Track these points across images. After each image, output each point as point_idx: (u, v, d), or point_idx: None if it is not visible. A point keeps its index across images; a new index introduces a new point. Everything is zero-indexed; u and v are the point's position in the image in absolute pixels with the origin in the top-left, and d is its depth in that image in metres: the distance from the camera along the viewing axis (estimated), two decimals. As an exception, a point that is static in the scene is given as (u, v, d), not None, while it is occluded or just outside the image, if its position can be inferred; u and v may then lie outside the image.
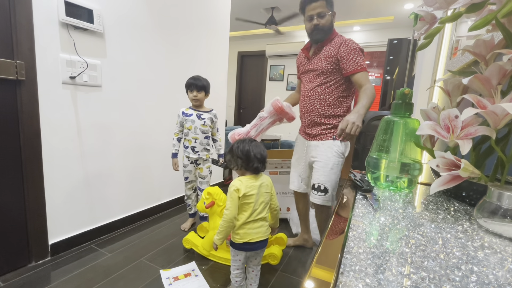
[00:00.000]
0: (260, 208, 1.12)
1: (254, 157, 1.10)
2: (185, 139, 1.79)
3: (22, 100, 1.29)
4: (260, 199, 1.12)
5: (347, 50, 1.32)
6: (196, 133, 1.75)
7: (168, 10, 1.98)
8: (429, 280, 0.29)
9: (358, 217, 0.47)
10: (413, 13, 2.35)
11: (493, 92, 0.49)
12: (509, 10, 0.43)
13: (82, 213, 1.63)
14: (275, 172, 2.13)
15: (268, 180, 1.18)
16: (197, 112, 1.76)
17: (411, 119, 0.68)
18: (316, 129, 1.44)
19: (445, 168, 0.52)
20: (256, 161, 1.11)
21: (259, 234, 1.13)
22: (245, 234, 1.11)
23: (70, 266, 1.44)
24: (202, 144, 1.78)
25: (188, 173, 1.84)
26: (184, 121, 1.76)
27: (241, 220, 1.10)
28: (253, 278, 1.24)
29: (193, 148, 1.77)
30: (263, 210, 1.14)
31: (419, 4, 1.23)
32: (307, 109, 1.47)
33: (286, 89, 5.18)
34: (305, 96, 1.47)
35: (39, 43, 1.31)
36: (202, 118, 1.76)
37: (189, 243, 1.66)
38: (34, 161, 1.36)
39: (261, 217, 1.13)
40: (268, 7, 3.84)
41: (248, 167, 1.12)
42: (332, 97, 1.39)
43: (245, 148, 1.12)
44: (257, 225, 1.13)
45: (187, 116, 1.75)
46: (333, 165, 1.35)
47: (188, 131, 1.75)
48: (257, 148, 1.13)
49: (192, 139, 1.76)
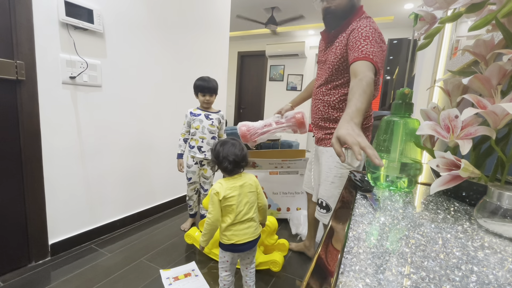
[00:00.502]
0: (245, 209, 1.09)
1: (224, 158, 1.07)
2: (191, 139, 1.78)
3: (22, 100, 1.29)
4: (243, 200, 1.09)
5: (356, 37, 1.00)
6: (203, 133, 1.75)
7: (168, 10, 1.98)
8: (429, 280, 0.30)
9: (358, 217, 0.47)
10: (413, 13, 2.35)
11: (493, 92, 0.49)
12: (509, 10, 0.43)
13: (82, 213, 1.63)
14: (275, 172, 2.13)
15: (252, 179, 1.14)
16: (206, 112, 1.77)
17: (411, 119, 0.68)
18: (320, 133, 1.26)
19: (445, 168, 0.52)
20: (226, 162, 1.07)
21: (247, 235, 1.10)
22: (232, 235, 1.09)
23: (70, 266, 1.44)
24: (209, 144, 1.78)
25: (192, 173, 1.83)
26: (191, 121, 1.76)
27: (227, 223, 1.08)
28: (248, 276, 1.23)
29: (200, 148, 1.77)
30: (250, 210, 1.11)
31: (419, 4, 1.23)
32: (312, 110, 1.30)
33: (286, 89, 5.18)
34: (313, 94, 1.30)
35: (39, 43, 1.31)
36: (210, 118, 1.77)
37: (191, 238, 1.66)
38: (34, 161, 1.36)
39: (247, 218, 1.10)
40: (268, 7, 3.84)
41: (221, 168, 1.10)
42: (337, 99, 1.15)
43: (216, 149, 1.11)
44: (243, 227, 1.10)
45: (195, 116, 1.76)
46: (334, 178, 1.17)
47: (196, 131, 1.75)
48: (232, 148, 1.09)
49: (199, 138, 1.76)
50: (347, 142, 0.60)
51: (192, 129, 1.76)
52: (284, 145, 3.83)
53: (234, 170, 1.10)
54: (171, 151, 2.18)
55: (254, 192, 1.14)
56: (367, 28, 1.00)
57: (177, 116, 2.21)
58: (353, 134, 0.61)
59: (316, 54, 4.81)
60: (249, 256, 1.20)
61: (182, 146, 1.80)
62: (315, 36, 4.85)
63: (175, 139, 2.20)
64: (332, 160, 1.17)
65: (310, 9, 3.74)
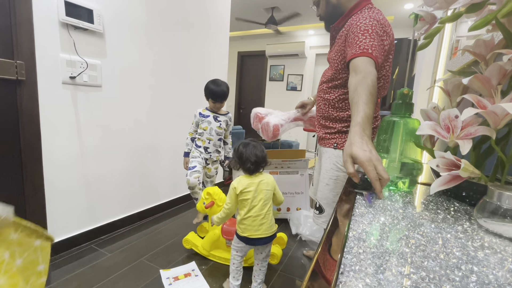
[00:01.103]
0: (259, 205, 1.17)
1: (247, 159, 1.18)
2: (198, 139, 1.79)
3: (22, 100, 1.29)
4: (259, 196, 1.17)
5: (354, 32, 0.91)
6: (211, 134, 1.76)
7: (168, 10, 1.98)
8: (429, 280, 0.30)
9: (358, 217, 0.47)
10: (413, 13, 2.35)
11: (493, 92, 0.49)
12: (509, 10, 0.43)
13: (82, 213, 1.63)
14: (275, 172, 2.13)
15: (270, 179, 1.23)
16: (214, 114, 1.78)
17: (411, 119, 0.68)
18: (322, 131, 1.19)
19: (445, 168, 0.52)
20: (248, 162, 1.18)
21: (259, 231, 1.17)
22: (245, 229, 1.18)
23: (70, 266, 1.44)
24: (215, 145, 1.80)
25: (197, 163, 1.76)
26: (200, 122, 1.76)
27: (241, 215, 1.19)
28: (257, 271, 1.29)
29: (206, 148, 1.78)
30: (264, 207, 1.18)
31: (419, 4, 1.22)
32: (316, 108, 1.24)
33: (286, 89, 5.18)
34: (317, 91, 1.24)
35: (39, 43, 1.31)
36: (219, 120, 1.78)
37: (189, 243, 1.66)
38: (34, 161, 1.36)
39: (261, 214, 1.17)
40: (268, 7, 3.84)
41: (244, 168, 1.21)
42: (337, 98, 1.10)
43: (239, 150, 1.21)
44: (257, 223, 1.17)
45: (204, 117, 1.76)
46: (329, 180, 1.10)
47: (203, 132, 1.76)
48: (254, 149, 1.20)
49: (206, 139, 1.77)
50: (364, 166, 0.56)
51: (200, 129, 1.77)
52: (284, 145, 3.83)
53: (255, 170, 1.20)
54: (171, 151, 2.18)
55: (270, 191, 1.21)
56: (367, 21, 0.90)
57: (177, 115, 2.21)
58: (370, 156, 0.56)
59: (316, 54, 4.82)
60: (262, 252, 1.26)
61: (189, 145, 1.81)
62: (315, 36, 4.85)
63: (175, 139, 2.20)
64: (330, 162, 1.12)
65: (309, 9, 3.74)
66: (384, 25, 0.94)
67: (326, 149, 1.16)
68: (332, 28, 1.10)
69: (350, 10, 1.02)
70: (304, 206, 2.16)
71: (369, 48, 0.86)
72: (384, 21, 0.94)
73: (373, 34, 0.88)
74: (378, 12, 0.97)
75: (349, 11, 1.02)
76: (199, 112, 1.78)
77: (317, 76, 5.02)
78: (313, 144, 4.75)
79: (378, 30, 0.90)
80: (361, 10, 0.99)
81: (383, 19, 0.95)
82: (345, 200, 0.55)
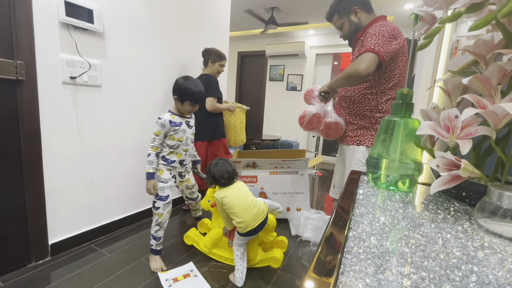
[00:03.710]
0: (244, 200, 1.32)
1: (220, 177, 1.34)
2: (171, 153, 1.47)
3: (22, 100, 1.29)
4: (241, 198, 1.33)
5: (366, 37, 1.14)
6: (187, 144, 1.51)
7: (168, 10, 1.98)
8: (429, 280, 0.29)
9: (358, 217, 0.47)
10: (413, 13, 2.34)
11: (493, 92, 0.49)
12: (509, 10, 0.43)
13: (82, 213, 1.63)
14: (275, 172, 2.13)
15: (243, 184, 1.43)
16: (185, 119, 1.50)
17: (411, 119, 0.68)
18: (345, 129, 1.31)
19: (445, 168, 0.52)
20: (222, 179, 1.34)
21: (256, 221, 1.32)
22: (245, 225, 1.30)
23: (70, 266, 1.44)
24: (191, 155, 1.60)
25: (169, 190, 1.48)
26: (173, 132, 1.44)
27: (236, 221, 1.32)
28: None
29: (182, 162, 1.52)
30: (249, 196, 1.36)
31: (419, 4, 1.23)
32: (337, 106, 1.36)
33: (286, 89, 5.18)
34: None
35: (39, 43, 1.32)
36: (191, 125, 1.53)
37: (190, 239, 1.66)
38: (34, 161, 1.36)
39: (251, 203, 1.33)
40: (268, 7, 3.84)
41: (219, 184, 1.37)
42: (357, 94, 1.23)
43: (211, 171, 1.36)
44: (252, 213, 1.31)
45: (176, 125, 1.44)
46: None
47: (179, 143, 1.47)
48: (223, 167, 1.35)
49: (182, 151, 1.50)
50: None
51: (173, 141, 1.45)
52: (284, 145, 3.83)
53: (229, 183, 1.36)
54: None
55: (247, 190, 1.39)
56: (377, 28, 1.12)
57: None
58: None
59: (316, 54, 4.82)
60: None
61: (154, 163, 1.43)
62: (315, 36, 4.84)
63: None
64: (355, 158, 1.20)
65: (310, 9, 3.74)
66: (392, 29, 1.13)
67: (349, 146, 1.23)
68: (354, 38, 1.30)
69: (368, 24, 1.23)
70: (304, 206, 2.16)
71: (373, 46, 1.06)
72: (392, 28, 1.14)
73: (378, 35, 1.09)
74: (389, 23, 1.17)
75: (367, 25, 1.23)
76: (168, 120, 1.41)
77: (317, 76, 5.02)
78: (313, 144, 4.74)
79: (385, 33, 1.10)
80: (376, 24, 1.19)
81: (392, 26, 1.14)
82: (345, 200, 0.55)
